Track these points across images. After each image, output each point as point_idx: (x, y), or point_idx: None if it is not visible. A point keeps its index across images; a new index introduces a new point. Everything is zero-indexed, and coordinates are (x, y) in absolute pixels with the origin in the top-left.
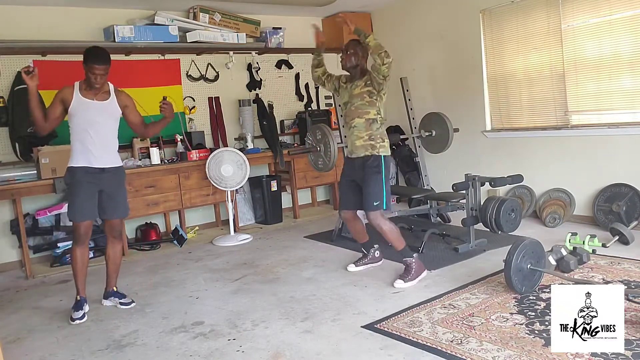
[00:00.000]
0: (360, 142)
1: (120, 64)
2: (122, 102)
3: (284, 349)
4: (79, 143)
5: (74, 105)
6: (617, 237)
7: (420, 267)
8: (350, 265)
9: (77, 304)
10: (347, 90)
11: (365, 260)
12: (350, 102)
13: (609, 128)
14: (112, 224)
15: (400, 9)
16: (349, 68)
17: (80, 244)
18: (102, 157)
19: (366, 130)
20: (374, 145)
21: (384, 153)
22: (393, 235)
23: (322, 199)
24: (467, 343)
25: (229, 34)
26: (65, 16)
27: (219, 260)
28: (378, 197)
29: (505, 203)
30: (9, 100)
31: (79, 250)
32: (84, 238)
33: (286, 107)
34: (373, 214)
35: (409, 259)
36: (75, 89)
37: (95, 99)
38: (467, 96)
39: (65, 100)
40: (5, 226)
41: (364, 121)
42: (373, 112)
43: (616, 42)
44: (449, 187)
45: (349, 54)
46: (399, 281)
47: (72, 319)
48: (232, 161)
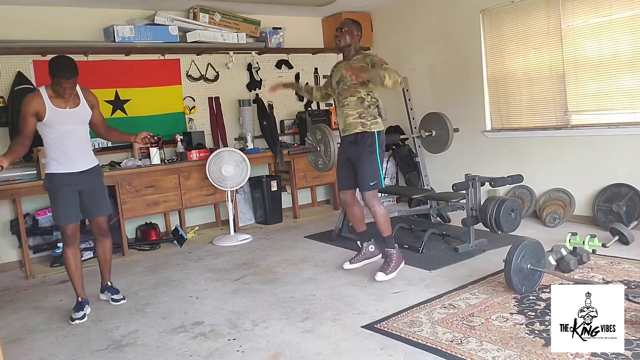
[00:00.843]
0: (350, 119)
1: (120, 64)
2: (90, 103)
3: (284, 349)
4: (55, 150)
5: (48, 116)
6: (617, 237)
7: (399, 259)
8: (345, 263)
9: (78, 305)
10: (341, 68)
11: (360, 257)
12: (343, 81)
13: (609, 128)
14: (98, 223)
15: (400, 9)
16: (343, 47)
17: (70, 245)
18: (79, 161)
19: (357, 108)
20: (365, 123)
21: (377, 129)
22: (384, 220)
23: (322, 199)
24: (467, 343)
25: (229, 34)
26: (65, 16)
27: (219, 260)
28: (374, 176)
29: (505, 203)
30: (9, 100)
31: (70, 252)
32: (73, 240)
33: (286, 107)
34: (368, 194)
35: (390, 250)
36: (45, 98)
37: (67, 107)
38: (467, 96)
39: (39, 113)
40: (5, 226)
41: (356, 99)
42: (364, 91)
43: (616, 42)
44: (449, 187)
45: (343, 32)
46: (380, 274)
47: (72, 319)
48: (232, 161)
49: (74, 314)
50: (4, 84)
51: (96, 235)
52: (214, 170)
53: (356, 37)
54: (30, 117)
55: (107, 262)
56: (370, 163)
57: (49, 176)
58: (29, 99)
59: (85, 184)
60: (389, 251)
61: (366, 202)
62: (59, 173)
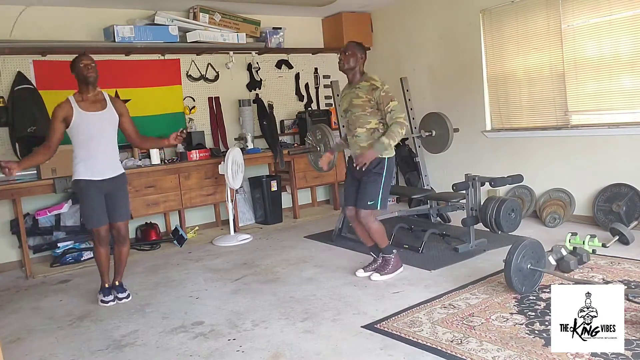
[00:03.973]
0: (363, 143)
1: (120, 64)
2: (118, 110)
3: (284, 349)
4: (82, 155)
5: (75, 120)
6: (617, 237)
7: (397, 263)
8: (359, 271)
9: (106, 290)
10: (348, 96)
11: (375, 266)
12: (351, 111)
13: (609, 128)
14: (118, 227)
15: (400, 9)
16: (346, 70)
17: (103, 244)
18: (105, 168)
19: (368, 140)
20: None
21: (387, 155)
22: (379, 235)
23: (322, 199)
24: (467, 343)
25: (229, 34)
26: (65, 16)
27: (219, 260)
28: (373, 197)
29: (505, 203)
30: (9, 100)
31: (102, 250)
32: (105, 240)
33: (286, 107)
34: (364, 212)
35: (388, 256)
36: (73, 104)
37: (94, 110)
38: (467, 96)
39: (67, 117)
40: (5, 226)
41: (365, 131)
42: (374, 121)
43: (616, 42)
44: (449, 187)
45: (347, 55)
46: (376, 274)
47: (104, 301)
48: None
49: (104, 297)
50: (4, 84)
51: (115, 239)
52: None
53: (360, 60)
54: (58, 123)
55: (121, 263)
56: (373, 183)
57: (77, 182)
58: (58, 106)
59: (111, 190)
60: (386, 256)
61: (360, 218)
62: (85, 180)
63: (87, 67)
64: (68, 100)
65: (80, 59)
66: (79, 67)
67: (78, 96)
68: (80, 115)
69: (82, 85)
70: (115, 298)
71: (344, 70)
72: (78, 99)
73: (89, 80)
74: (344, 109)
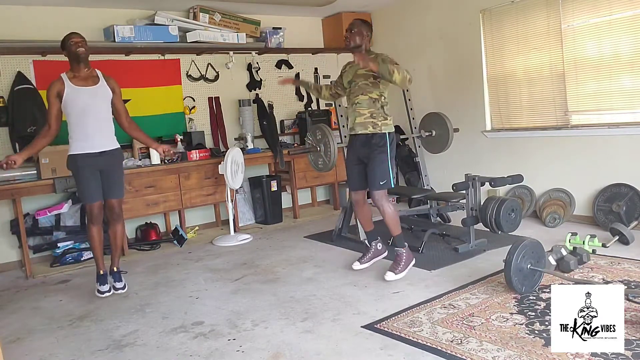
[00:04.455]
0: (360, 118)
1: (120, 64)
2: (110, 85)
3: (284, 349)
4: (76, 130)
5: (67, 93)
6: (617, 237)
7: (409, 258)
8: (355, 264)
9: (102, 277)
10: (353, 68)
11: (369, 256)
12: (355, 81)
13: (609, 128)
14: (111, 205)
15: (401, 9)
16: (353, 48)
17: (95, 222)
18: (100, 141)
19: (368, 108)
20: (376, 123)
21: (387, 130)
22: (393, 219)
23: (322, 199)
24: (467, 343)
25: (229, 34)
26: (65, 16)
27: (219, 260)
28: (384, 176)
29: (505, 203)
30: (9, 100)
31: (95, 229)
32: (97, 217)
33: (286, 107)
34: (378, 194)
35: (400, 249)
36: (65, 80)
37: (86, 85)
38: (467, 96)
39: (59, 92)
40: (5, 226)
41: (367, 98)
42: (376, 92)
43: (616, 42)
44: (449, 187)
45: (353, 33)
46: (390, 273)
47: (101, 292)
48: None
49: (100, 287)
50: (4, 84)
51: (109, 217)
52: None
53: (366, 38)
54: (53, 99)
55: (117, 246)
56: (381, 163)
57: (72, 157)
58: (51, 84)
59: (105, 165)
60: (398, 250)
61: (375, 201)
62: (81, 154)
63: (77, 44)
64: (60, 77)
65: (70, 36)
66: (69, 44)
67: (70, 73)
68: (73, 90)
69: (74, 63)
70: (111, 288)
71: (350, 48)
72: (70, 76)
73: (80, 57)
74: (349, 80)
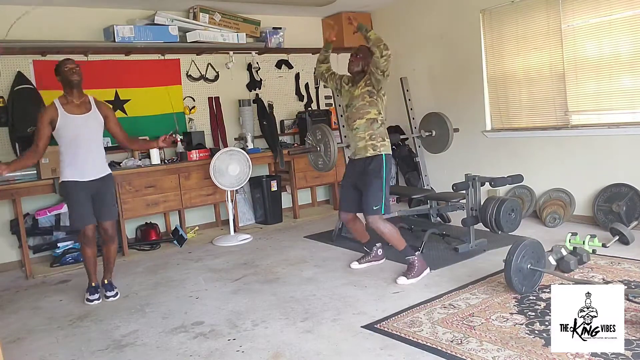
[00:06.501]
0: (362, 142)
1: (120, 64)
2: (103, 113)
3: (284, 349)
4: (67, 156)
5: (60, 122)
6: (617, 237)
7: (422, 265)
8: (353, 263)
9: (93, 288)
10: (349, 92)
11: (369, 258)
12: (352, 105)
13: (609, 128)
14: (105, 227)
15: (401, 9)
16: (355, 72)
17: (89, 245)
18: (91, 170)
19: (367, 130)
20: (375, 145)
21: (385, 152)
22: (394, 237)
23: (322, 199)
24: (467, 343)
25: (229, 34)
26: (65, 16)
27: (219, 260)
28: (377, 201)
29: (505, 203)
30: (9, 100)
31: (89, 250)
32: (91, 240)
33: (286, 107)
34: (372, 218)
35: (411, 257)
36: (58, 107)
37: (78, 112)
38: (467, 96)
39: (52, 120)
40: (5, 226)
41: (365, 121)
42: (374, 111)
43: (616, 42)
44: (449, 187)
45: (358, 58)
46: (402, 278)
47: (90, 300)
48: (237, 160)
49: (90, 296)
50: (4, 84)
51: (103, 238)
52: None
53: (367, 64)
54: (45, 126)
55: (110, 262)
56: (376, 189)
57: (63, 184)
58: (44, 110)
59: (97, 190)
60: (409, 259)
61: (371, 225)
62: (72, 181)
63: (71, 70)
64: (53, 104)
65: (65, 63)
66: (63, 70)
67: (63, 99)
68: (65, 118)
69: (67, 89)
70: (101, 297)
71: (353, 72)
72: (63, 102)
73: (74, 84)
74: (346, 104)
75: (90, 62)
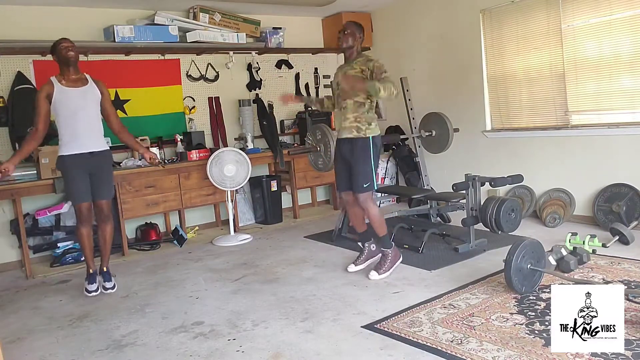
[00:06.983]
0: (346, 123)
1: (120, 64)
2: (99, 88)
3: (284, 349)
4: (66, 131)
5: (56, 95)
6: (617, 237)
7: (395, 257)
8: (350, 266)
9: (91, 276)
10: (342, 70)
11: (363, 257)
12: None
13: (609, 128)
14: (100, 205)
15: (400, 9)
16: (345, 48)
17: (85, 224)
18: (89, 142)
19: (353, 112)
20: (360, 128)
21: (371, 134)
22: (377, 221)
23: (322, 199)
24: (467, 343)
25: (229, 34)
26: (65, 16)
27: (219, 260)
28: (367, 178)
29: (505, 203)
30: (9, 100)
31: (84, 230)
32: (87, 218)
33: (286, 107)
34: (362, 196)
35: (387, 250)
36: (54, 82)
37: (75, 86)
38: (467, 96)
39: (49, 94)
40: (5, 226)
41: (353, 102)
42: (362, 95)
43: (616, 42)
44: (449, 187)
45: (346, 34)
46: (373, 273)
47: (88, 291)
48: (233, 161)
49: (88, 286)
50: (4, 84)
51: (97, 218)
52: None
53: (358, 40)
54: (42, 101)
55: (106, 246)
56: (364, 166)
57: (61, 158)
58: (41, 87)
59: (94, 167)
60: (384, 251)
61: (360, 203)
62: (70, 155)
63: (67, 48)
64: (49, 80)
65: (60, 41)
66: (59, 48)
67: (59, 76)
68: (62, 91)
69: (64, 67)
70: (100, 287)
71: (343, 49)
72: (59, 79)
73: (70, 61)
74: (337, 81)
75: (90, 62)
